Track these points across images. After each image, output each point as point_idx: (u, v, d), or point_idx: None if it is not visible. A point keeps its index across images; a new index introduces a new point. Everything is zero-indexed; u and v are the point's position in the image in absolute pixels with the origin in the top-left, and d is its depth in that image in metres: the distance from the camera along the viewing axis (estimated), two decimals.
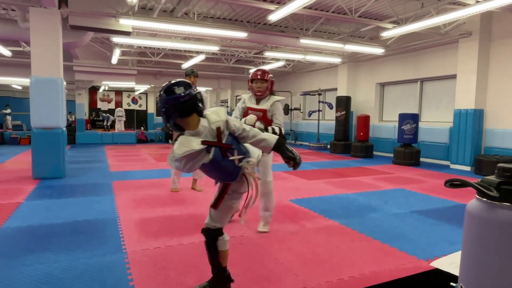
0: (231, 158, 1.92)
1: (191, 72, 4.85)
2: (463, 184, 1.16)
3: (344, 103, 11.00)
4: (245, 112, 3.30)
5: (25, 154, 9.34)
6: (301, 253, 2.82)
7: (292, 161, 2.16)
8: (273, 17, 6.48)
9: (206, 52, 10.63)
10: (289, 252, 2.84)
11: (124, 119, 17.56)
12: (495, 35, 7.46)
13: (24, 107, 17.03)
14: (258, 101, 3.29)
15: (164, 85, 1.92)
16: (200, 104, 1.89)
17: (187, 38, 9.11)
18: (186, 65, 12.32)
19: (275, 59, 12.10)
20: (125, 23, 6.49)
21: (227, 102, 18.02)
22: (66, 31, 6.51)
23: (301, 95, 14.04)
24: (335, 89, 12.16)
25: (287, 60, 12.20)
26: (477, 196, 1.16)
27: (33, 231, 3.26)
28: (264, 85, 3.22)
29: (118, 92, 21.69)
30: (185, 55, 11.72)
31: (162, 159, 8.91)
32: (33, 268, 2.45)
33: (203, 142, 1.82)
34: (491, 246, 1.10)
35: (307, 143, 13.20)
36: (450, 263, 2.61)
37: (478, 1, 5.59)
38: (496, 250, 1.09)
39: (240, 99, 3.42)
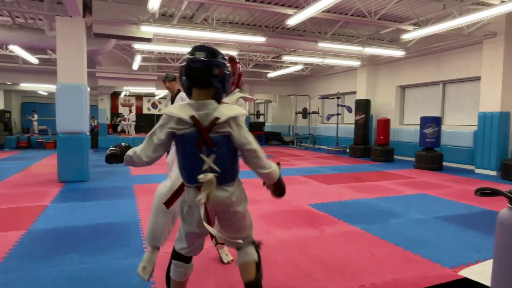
0: (202, 155, 1.57)
1: (165, 78, 4.75)
2: (494, 192, 1.12)
3: (363, 106, 10.86)
4: None
5: (50, 158, 9.67)
6: (321, 258, 2.80)
7: (278, 196, 1.88)
8: (291, 22, 6.48)
9: None
10: (309, 257, 2.81)
11: (133, 123, 17.51)
12: None
13: (49, 112, 17.68)
14: None
15: (202, 46, 1.67)
16: (224, 86, 1.64)
17: (206, 43, 9.24)
18: None
19: (293, 63, 12.09)
20: (146, 30, 6.64)
21: (246, 106, 18.15)
22: (90, 39, 6.72)
23: (319, 98, 13.96)
24: (354, 93, 12.02)
25: (305, 64, 12.16)
26: (509, 205, 1.12)
27: (59, 233, 3.36)
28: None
29: (139, 97, 22.17)
30: None
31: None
32: (58, 269, 2.53)
33: (191, 117, 1.55)
34: None
35: (325, 147, 13.08)
36: (480, 272, 2.52)
37: (503, 1, 5.42)
38: None
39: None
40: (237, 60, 2.33)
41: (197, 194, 1.61)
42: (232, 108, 1.65)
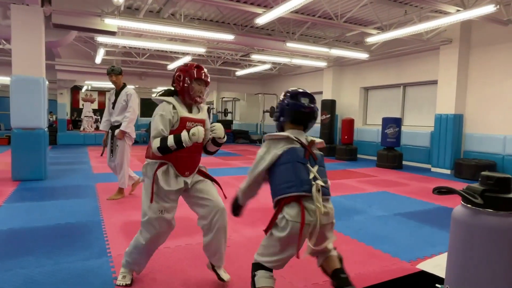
0: (308, 166, 1.85)
1: (111, 71, 4.51)
2: (450, 191, 1.20)
3: (329, 106, 11.14)
4: (179, 126, 2.18)
5: (2, 155, 9.06)
6: None
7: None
8: (260, 21, 6.51)
9: (193, 53, 10.59)
10: None
11: (92, 119, 16.76)
12: (474, 43, 7.71)
13: (2, 106, 16.52)
14: (190, 109, 2.30)
15: (302, 90, 2.02)
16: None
17: (173, 39, 9.05)
18: (172, 66, 12.22)
19: (262, 62, 12.15)
20: (111, 23, 6.40)
21: (212, 104, 17.97)
22: (49, 30, 6.36)
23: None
24: (321, 93, 12.30)
25: (273, 63, 12.27)
26: (463, 203, 1.20)
27: (14, 235, 3.17)
28: (206, 91, 2.33)
29: (102, 92, 21.32)
30: (171, 56, 11.63)
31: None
32: (13, 273, 2.38)
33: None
34: (475, 249, 1.14)
35: None
36: (435, 265, 2.68)
37: (459, 10, 5.78)
38: (480, 253, 1.14)
39: (164, 104, 2.24)
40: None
41: (298, 207, 1.75)
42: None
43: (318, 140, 1.96)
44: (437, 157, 8.12)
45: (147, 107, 23.05)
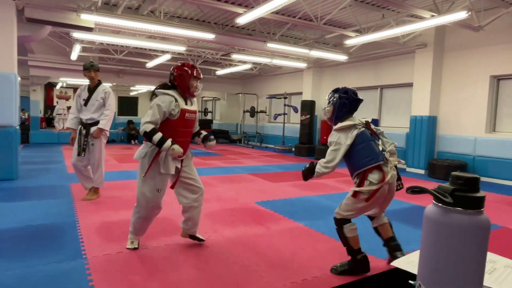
0: (376, 142, 2.53)
1: (91, 66, 4.39)
2: (422, 190, 1.25)
3: (308, 107, 11.26)
4: (180, 117, 2.67)
5: None
6: (266, 255, 2.86)
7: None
8: (241, 21, 6.51)
9: (172, 52, 10.45)
10: (255, 254, 2.87)
11: (65, 117, 16.27)
12: (448, 48, 8.00)
13: None
14: (186, 102, 2.77)
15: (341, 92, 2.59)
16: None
17: (152, 36, 8.91)
18: (151, 64, 12.03)
19: (242, 62, 12.15)
20: (87, 18, 6.22)
21: None
22: (21, 24, 6.13)
23: (267, 98, 14.20)
24: (300, 93, 12.43)
25: (254, 63, 12.28)
26: (434, 202, 1.25)
27: None
28: (200, 86, 2.85)
29: (77, 89, 20.70)
30: (150, 54, 11.44)
31: (125, 160, 8.62)
32: None
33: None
34: (446, 246, 1.19)
35: (272, 146, 13.36)
36: (408, 262, 2.75)
37: (433, 16, 5.97)
38: (450, 250, 1.19)
39: (165, 95, 2.66)
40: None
41: (379, 173, 2.39)
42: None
43: (369, 119, 2.60)
44: (412, 158, 8.36)
45: (125, 105, 22.60)
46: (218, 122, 18.47)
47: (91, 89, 4.46)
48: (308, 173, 2.59)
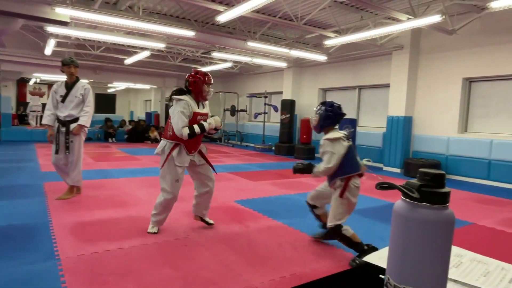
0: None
1: (71, 62, 4.30)
2: (391, 186, 1.29)
3: (288, 106, 11.34)
4: (192, 118, 3.09)
5: None
6: (245, 253, 2.87)
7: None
8: (221, 18, 6.48)
9: (151, 48, 10.29)
10: (233, 252, 2.87)
11: (39, 113, 15.62)
12: (423, 50, 8.24)
13: None
14: (198, 105, 3.21)
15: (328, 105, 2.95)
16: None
17: (130, 33, 8.74)
18: (129, 60, 11.80)
19: (223, 60, 12.10)
20: (62, 12, 6.04)
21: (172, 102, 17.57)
22: None
23: (247, 97, 14.20)
24: (281, 93, 12.50)
25: (234, 61, 12.26)
26: (402, 198, 1.30)
27: None
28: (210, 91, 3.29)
29: (52, 85, 20.05)
30: (129, 50, 11.22)
31: (101, 158, 8.42)
32: None
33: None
34: (412, 240, 1.24)
35: (252, 145, 13.37)
36: (379, 257, 2.84)
37: (409, 18, 6.14)
38: (417, 244, 1.23)
39: (181, 101, 3.08)
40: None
41: (358, 179, 2.89)
42: None
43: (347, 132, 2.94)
44: (388, 157, 8.57)
45: (103, 103, 22.04)
46: None
47: (69, 86, 4.35)
48: (304, 171, 2.89)
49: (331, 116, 2.89)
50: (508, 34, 6.76)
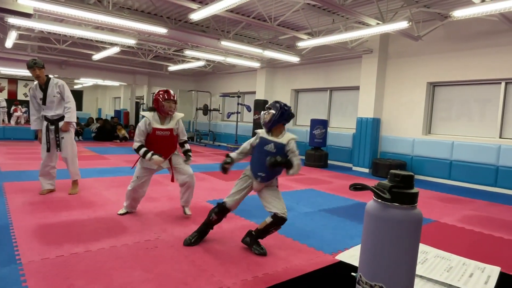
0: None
1: (34, 64, 4.23)
2: (363, 187, 1.33)
3: (261, 106, 11.37)
4: (152, 133, 3.51)
5: None
6: (217, 253, 2.85)
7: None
8: (195, 16, 6.41)
9: (121, 44, 9.99)
10: (206, 253, 2.84)
11: (4, 110, 14.98)
12: (391, 54, 8.55)
13: None
14: (162, 121, 3.58)
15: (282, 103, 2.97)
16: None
17: (99, 27, 8.44)
18: (97, 56, 11.39)
19: (196, 59, 11.96)
20: (25, 3, 5.72)
21: (143, 99, 17.14)
22: None
23: (220, 96, 14.12)
24: (254, 92, 12.53)
25: (207, 60, 12.15)
26: (374, 198, 1.34)
27: None
28: (174, 106, 3.58)
29: (13, 80, 18.99)
30: (97, 45, 10.83)
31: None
32: None
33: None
34: (383, 239, 1.28)
35: (225, 144, 13.32)
36: (351, 256, 2.92)
37: (378, 23, 6.35)
38: (387, 242, 1.28)
39: (143, 118, 3.56)
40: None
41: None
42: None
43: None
44: (357, 157, 8.82)
45: None
46: None
47: (43, 87, 4.32)
48: (285, 166, 2.77)
49: (285, 114, 2.89)
50: (468, 42, 7.15)
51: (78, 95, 23.15)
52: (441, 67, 7.62)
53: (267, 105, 3.00)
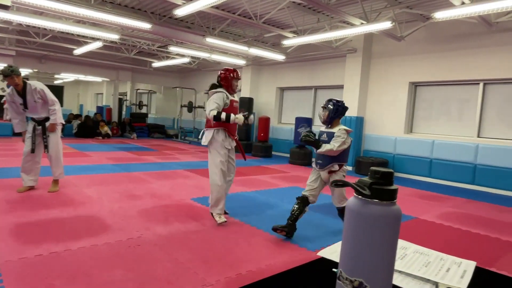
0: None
1: (11, 72, 4.12)
2: (345, 184, 1.35)
3: (247, 104, 11.37)
4: (230, 105, 3.68)
5: None
6: (201, 251, 2.84)
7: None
8: (180, 12, 6.33)
9: (104, 39, 9.78)
10: (189, 251, 2.83)
11: None
12: (374, 54, 8.68)
13: None
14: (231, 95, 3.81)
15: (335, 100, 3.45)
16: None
17: (81, 21, 8.25)
18: (79, 51, 11.13)
19: (180, 55, 11.84)
20: None
21: (126, 96, 16.86)
22: None
23: (205, 93, 14.02)
24: (239, 90, 12.51)
25: (192, 57, 12.04)
26: (355, 194, 1.36)
27: None
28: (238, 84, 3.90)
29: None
30: (79, 40, 10.58)
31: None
32: None
33: None
34: (364, 235, 1.30)
35: None
36: (333, 252, 2.96)
37: (362, 23, 6.43)
38: (367, 238, 1.30)
39: (218, 92, 3.68)
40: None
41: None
42: None
43: None
44: None
45: None
46: (154, 116, 17.79)
47: (21, 93, 4.25)
48: (312, 144, 3.27)
49: (340, 109, 3.37)
50: (449, 43, 7.33)
51: (58, 90, 22.59)
52: (422, 67, 7.79)
53: (322, 105, 3.47)
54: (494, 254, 3.26)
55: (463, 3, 5.10)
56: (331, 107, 3.37)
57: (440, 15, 5.42)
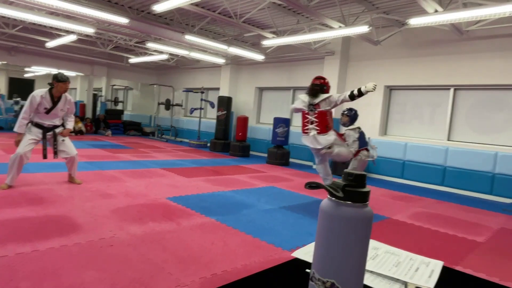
0: None
1: (67, 79, 4.44)
2: (318, 186, 1.37)
3: (225, 103, 11.34)
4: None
5: None
6: (176, 251, 2.81)
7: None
8: (158, 8, 6.22)
9: (78, 32, 9.47)
10: (164, 251, 2.79)
11: None
12: (352, 57, 8.85)
13: None
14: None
15: (354, 110, 5.21)
16: None
17: (54, 13, 7.94)
18: (51, 43, 10.72)
19: (158, 51, 11.63)
20: None
21: (101, 91, 16.40)
22: None
23: (183, 91, 13.86)
24: (218, 89, 12.44)
25: (170, 54, 11.86)
26: (328, 196, 1.39)
27: None
28: None
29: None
30: (52, 32, 10.19)
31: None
32: None
33: None
34: (335, 236, 1.33)
35: (187, 140, 13.11)
36: (306, 252, 3.00)
37: (341, 26, 6.55)
38: (340, 239, 1.33)
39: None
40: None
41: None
42: None
43: None
44: None
45: (16, 88, 19.89)
46: (130, 113, 17.40)
47: (55, 100, 4.41)
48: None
49: (355, 117, 5.41)
50: (423, 49, 7.58)
51: (29, 84, 21.70)
52: (397, 71, 8.01)
53: (343, 112, 5.48)
54: (460, 253, 3.40)
55: (436, 11, 5.29)
56: (352, 115, 5.41)
57: (415, 21, 5.60)
